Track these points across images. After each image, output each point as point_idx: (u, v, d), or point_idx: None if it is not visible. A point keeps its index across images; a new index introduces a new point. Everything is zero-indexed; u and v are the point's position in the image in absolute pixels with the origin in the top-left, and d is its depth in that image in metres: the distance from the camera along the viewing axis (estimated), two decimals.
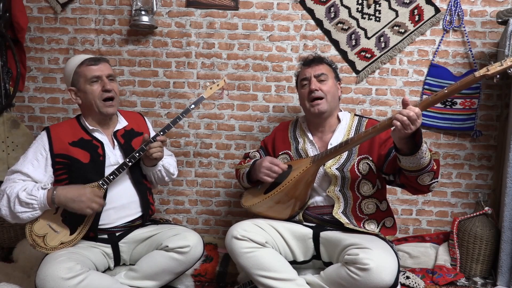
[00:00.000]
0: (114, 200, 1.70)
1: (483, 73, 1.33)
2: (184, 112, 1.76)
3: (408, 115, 1.37)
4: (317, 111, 1.77)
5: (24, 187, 1.57)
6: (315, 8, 2.35)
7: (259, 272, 1.56)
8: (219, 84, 1.84)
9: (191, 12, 2.40)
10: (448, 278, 2.08)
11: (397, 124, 1.39)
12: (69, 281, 1.41)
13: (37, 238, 1.57)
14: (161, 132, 1.72)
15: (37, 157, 1.65)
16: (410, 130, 1.38)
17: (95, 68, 1.69)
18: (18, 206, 1.54)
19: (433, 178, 1.55)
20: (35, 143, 1.69)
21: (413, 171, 1.51)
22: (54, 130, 1.71)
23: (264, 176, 1.71)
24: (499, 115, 2.32)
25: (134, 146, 1.78)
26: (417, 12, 2.29)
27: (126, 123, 1.84)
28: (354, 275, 1.41)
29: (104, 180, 1.64)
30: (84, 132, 1.73)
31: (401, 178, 1.62)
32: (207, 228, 2.54)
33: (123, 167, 1.66)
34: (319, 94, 1.77)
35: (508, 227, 2.02)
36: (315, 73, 1.80)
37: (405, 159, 1.48)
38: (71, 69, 1.71)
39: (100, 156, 1.70)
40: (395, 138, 1.46)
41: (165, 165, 1.87)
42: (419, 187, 1.58)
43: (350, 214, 1.70)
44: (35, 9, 2.44)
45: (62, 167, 1.66)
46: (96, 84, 1.69)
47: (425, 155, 1.46)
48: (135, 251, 1.73)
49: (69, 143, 1.68)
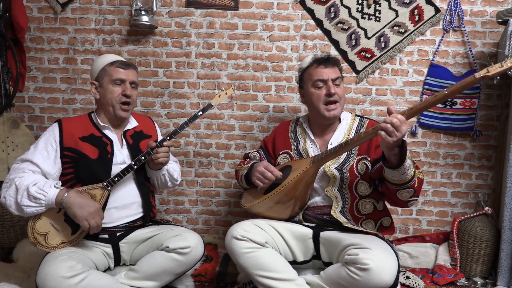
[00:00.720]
0: (116, 199, 1.71)
1: (483, 74, 1.33)
2: (192, 118, 1.76)
3: (391, 121, 1.39)
4: (333, 115, 1.75)
5: (35, 181, 1.56)
6: (315, 8, 2.35)
7: (259, 272, 1.56)
8: (228, 92, 1.84)
9: (191, 12, 2.40)
10: (448, 278, 2.08)
11: (381, 133, 1.41)
12: (69, 280, 1.41)
13: (39, 236, 1.57)
14: (167, 137, 1.73)
15: (47, 148, 1.66)
16: (395, 137, 1.39)
17: (123, 72, 1.73)
18: (25, 199, 1.53)
19: (413, 196, 1.58)
20: (46, 133, 1.70)
21: (394, 184, 1.54)
22: (66, 123, 1.73)
23: (256, 180, 1.72)
24: (499, 115, 2.32)
25: (142, 147, 1.80)
26: (417, 12, 2.29)
27: (137, 123, 1.86)
28: (354, 275, 1.41)
29: (109, 182, 1.64)
30: (95, 129, 1.75)
31: (383, 187, 1.65)
32: (207, 228, 2.54)
33: (128, 169, 1.67)
34: (336, 98, 1.75)
35: (508, 227, 2.02)
36: (333, 77, 1.75)
37: (388, 171, 1.52)
38: (100, 64, 1.75)
39: (108, 153, 1.71)
40: (384, 148, 1.48)
41: (170, 170, 1.88)
42: (397, 200, 1.62)
43: (347, 214, 1.70)
44: (35, 9, 2.44)
45: (70, 160, 1.67)
46: (118, 87, 1.72)
47: (407, 171, 1.49)
48: (135, 252, 1.73)
49: (79, 138, 1.69)
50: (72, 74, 2.47)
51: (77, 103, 2.49)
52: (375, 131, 1.50)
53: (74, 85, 2.48)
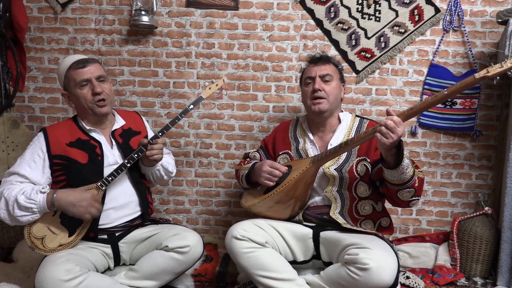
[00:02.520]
0: (113, 200, 1.70)
1: (483, 74, 1.33)
2: (183, 112, 1.76)
3: (386, 123, 1.40)
4: (318, 109, 1.77)
5: (22, 191, 1.55)
6: (315, 8, 2.35)
7: (259, 272, 1.56)
8: (218, 84, 1.84)
9: (191, 12, 2.40)
10: (448, 278, 2.08)
11: (377, 135, 1.42)
12: (68, 283, 1.40)
13: (36, 240, 1.56)
14: (160, 133, 1.72)
15: (34, 159, 1.63)
16: (391, 138, 1.39)
17: (84, 71, 1.65)
18: (17, 210, 1.53)
19: (414, 196, 1.59)
20: (32, 144, 1.68)
21: (394, 184, 1.55)
22: (51, 131, 1.69)
23: (265, 180, 1.72)
24: (499, 115, 2.32)
25: (132, 145, 1.77)
26: (417, 12, 2.29)
27: (124, 122, 1.83)
28: (354, 275, 1.41)
29: (103, 182, 1.63)
30: (81, 132, 1.72)
31: (383, 188, 1.66)
32: (207, 228, 2.54)
33: (121, 168, 1.66)
34: (321, 95, 1.77)
35: (508, 227, 2.02)
36: (321, 73, 1.79)
37: (387, 172, 1.53)
38: (61, 73, 1.70)
39: (99, 156, 1.69)
40: (381, 149, 1.49)
41: (164, 165, 1.87)
42: (398, 201, 1.63)
43: (346, 215, 1.70)
44: (35, 9, 2.44)
45: (60, 168, 1.65)
46: (86, 88, 1.66)
47: (406, 170, 1.49)
48: (135, 251, 1.73)
49: (66, 144, 1.66)
50: None
51: None
52: (374, 131, 1.51)
53: None
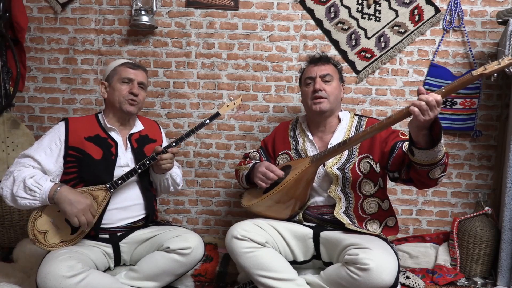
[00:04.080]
0: (119, 201, 1.71)
1: (480, 71, 1.32)
2: (199, 126, 1.78)
3: (427, 100, 1.32)
4: (319, 109, 1.77)
5: (32, 174, 1.57)
6: (315, 8, 2.35)
7: (259, 272, 1.56)
8: (236, 102, 1.86)
9: (191, 12, 2.40)
10: (448, 278, 2.08)
11: (414, 109, 1.33)
12: (70, 280, 1.41)
13: (38, 234, 1.57)
14: (173, 143, 1.74)
15: (51, 146, 1.67)
16: (428, 117, 1.32)
17: (132, 72, 1.77)
18: (21, 191, 1.54)
19: (443, 171, 1.53)
20: (52, 131, 1.71)
21: (426, 165, 1.47)
22: (73, 122, 1.74)
23: (259, 181, 1.72)
24: (499, 115, 2.32)
25: (146, 152, 1.81)
26: (417, 12, 2.29)
27: (142, 127, 1.88)
28: (354, 275, 1.41)
29: (112, 184, 1.66)
30: (101, 130, 1.76)
31: (411, 173, 1.57)
32: (207, 228, 2.54)
33: (132, 173, 1.68)
34: (322, 94, 1.77)
35: (508, 227, 2.02)
36: (321, 73, 1.79)
37: (421, 153, 1.44)
38: (112, 66, 1.81)
39: (112, 155, 1.72)
40: (413, 129, 1.41)
41: (173, 175, 1.89)
42: (427, 181, 1.55)
43: (352, 214, 1.69)
44: (35, 9, 2.44)
45: (74, 160, 1.68)
46: (125, 85, 1.76)
47: (442, 148, 1.43)
48: (135, 252, 1.74)
49: (84, 137, 1.71)
50: (72, 74, 2.47)
51: (77, 103, 2.49)
52: (373, 129, 1.51)
53: (74, 85, 2.48)
